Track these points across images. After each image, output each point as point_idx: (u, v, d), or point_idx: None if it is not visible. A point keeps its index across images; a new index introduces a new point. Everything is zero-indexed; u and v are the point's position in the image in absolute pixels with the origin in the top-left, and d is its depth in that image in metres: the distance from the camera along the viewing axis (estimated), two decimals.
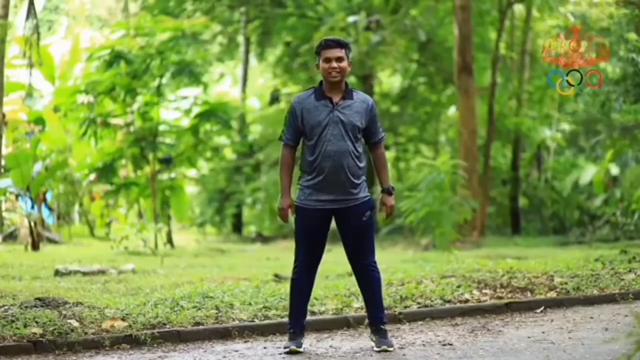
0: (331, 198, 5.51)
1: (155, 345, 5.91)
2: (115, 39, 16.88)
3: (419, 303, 7.03)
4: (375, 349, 5.58)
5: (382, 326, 5.64)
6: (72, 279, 8.97)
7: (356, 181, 5.53)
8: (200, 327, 6.23)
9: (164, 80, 16.64)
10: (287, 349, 5.53)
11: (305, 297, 5.66)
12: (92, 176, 18.01)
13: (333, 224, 5.66)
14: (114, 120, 16.72)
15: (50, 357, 5.61)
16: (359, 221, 5.55)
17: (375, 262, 5.68)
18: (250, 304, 6.78)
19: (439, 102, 24.26)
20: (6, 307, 6.42)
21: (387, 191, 5.69)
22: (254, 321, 6.41)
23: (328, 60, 5.50)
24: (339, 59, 5.50)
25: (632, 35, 11.21)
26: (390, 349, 5.56)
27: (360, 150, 5.58)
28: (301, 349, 5.56)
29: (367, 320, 5.82)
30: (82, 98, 16.38)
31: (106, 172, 17.10)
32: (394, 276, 8.15)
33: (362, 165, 5.58)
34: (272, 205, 24.13)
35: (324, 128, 5.48)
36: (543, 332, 6.01)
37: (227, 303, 6.76)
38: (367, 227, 5.59)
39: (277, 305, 6.74)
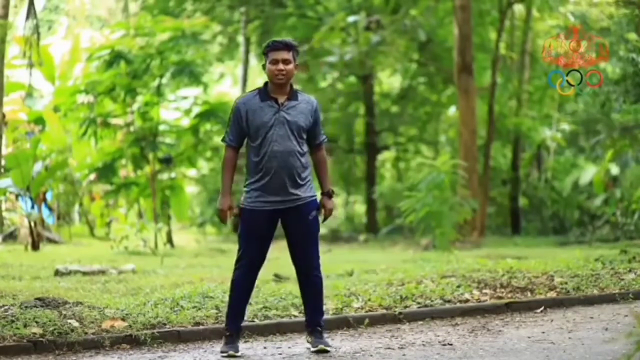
0: (278, 199, 5.49)
1: (155, 345, 5.91)
2: (115, 39, 16.87)
3: (419, 303, 7.03)
4: (312, 349, 5.56)
5: (319, 328, 5.63)
6: (72, 279, 8.97)
7: (301, 182, 5.52)
8: (200, 327, 6.23)
9: (164, 80, 16.63)
10: (226, 354, 5.48)
11: (245, 298, 5.62)
12: (92, 176, 18.01)
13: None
14: (114, 120, 16.71)
15: (50, 357, 5.60)
16: (304, 220, 5.53)
17: (319, 265, 5.63)
18: (250, 304, 6.78)
19: (439, 102, 24.25)
20: (6, 307, 6.42)
21: (327, 194, 5.68)
22: (254, 321, 6.41)
23: (275, 62, 5.49)
24: (285, 61, 5.49)
25: (632, 35, 11.21)
26: (329, 347, 5.54)
27: (305, 150, 5.58)
28: (239, 354, 5.51)
29: (305, 322, 5.74)
30: (82, 98, 16.37)
31: (106, 172, 17.09)
32: (394, 276, 8.15)
33: (307, 165, 5.58)
34: None
35: (269, 128, 5.46)
36: (543, 332, 6.01)
37: (227, 303, 6.75)
38: (312, 227, 5.57)
39: (277, 305, 6.75)
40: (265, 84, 5.60)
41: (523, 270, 8.24)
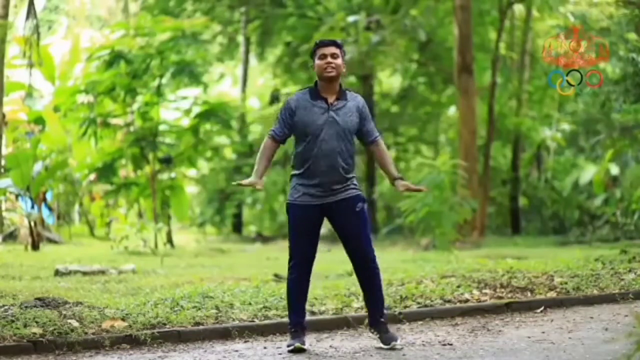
0: (324, 194, 5.54)
1: (155, 345, 5.91)
2: (115, 39, 16.88)
3: (419, 303, 7.02)
4: (384, 346, 5.58)
5: (382, 320, 5.65)
6: (72, 279, 8.97)
7: (347, 178, 5.57)
8: (200, 327, 6.23)
9: (164, 80, 16.65)
10: (291, 347, 5.53)
11: (303, 295, 5.66)
12: (92, 176, 18.02)
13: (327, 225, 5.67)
14: (114, 120, 16.73)
15: (50, 357, 5.60)
16: (352, 213, 5.55)
17: (374, 257, 5.68)
18: (250, 304, 6.78)
19: (439, 102, 24.28)
20: (6, 307, 6.42)
21: (399, 178, 5.72)
22: (254, 321, 6.40)
23: (323, 56, 5.56)
24: (334, 55, 5.56)
25: (632, 35, 11.21)
26: (399, 345, 5.56)
27: (353, 149, 5.63)
28: (305, 347, 5.56)
29: (366, 320, 5.81)
30: (82, 98, 16.39)
31: (106, 172, 17.10)
32: (394, 276, 8.15)
33: (353, 164, 5.63)
34: (272, 205, 24.16)
35: (319, 128, 5.51)
36: (543, 332, 6.01)
37: (227, 303, 6.76)
38: (362, 219, 5.59)
39: (277, 305, 6.74)
40: (315, 83, 5.65)
41: (523, 270, 8.24)
